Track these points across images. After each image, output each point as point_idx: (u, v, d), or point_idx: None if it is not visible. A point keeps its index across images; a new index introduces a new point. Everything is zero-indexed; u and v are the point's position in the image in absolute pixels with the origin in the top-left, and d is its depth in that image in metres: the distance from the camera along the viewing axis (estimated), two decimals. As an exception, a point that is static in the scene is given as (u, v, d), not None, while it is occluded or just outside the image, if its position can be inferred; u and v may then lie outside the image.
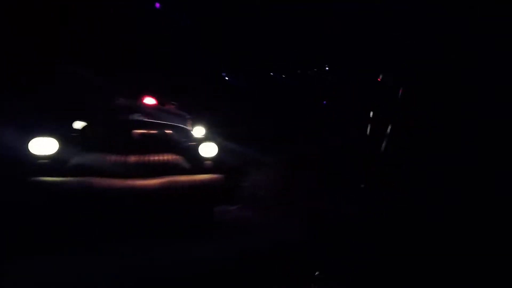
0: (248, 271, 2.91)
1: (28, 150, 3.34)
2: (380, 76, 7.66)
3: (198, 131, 5.39)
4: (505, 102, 5.00)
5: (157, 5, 9.43)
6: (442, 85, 6.08)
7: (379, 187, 5.59)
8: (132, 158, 3.52)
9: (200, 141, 4.08)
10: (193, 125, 5.36)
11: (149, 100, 5.41)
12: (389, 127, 6.60)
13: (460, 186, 4.67)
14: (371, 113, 7.56)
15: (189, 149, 3.95)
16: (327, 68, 15.08)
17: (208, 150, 3.96)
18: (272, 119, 11.45)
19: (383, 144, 6.56)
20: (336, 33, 10.67)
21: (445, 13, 6.55)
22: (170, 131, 4.20)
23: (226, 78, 15.36)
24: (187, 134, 4.42)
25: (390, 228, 4.09)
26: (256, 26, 11.63)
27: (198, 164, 3.84)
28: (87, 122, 4.07)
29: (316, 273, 2.86)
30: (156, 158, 3.62)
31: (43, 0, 6.61)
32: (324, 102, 12.94)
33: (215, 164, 3.94)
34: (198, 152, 3.91)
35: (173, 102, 5.67)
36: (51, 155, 3.35)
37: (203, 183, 3.71)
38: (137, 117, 4.58)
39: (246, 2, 10.86)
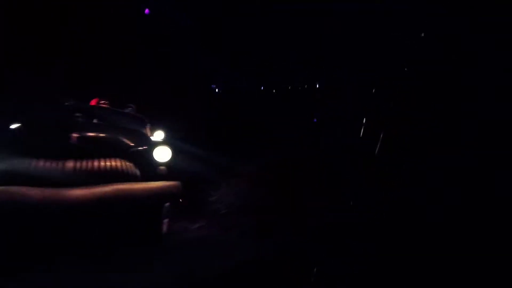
0: (248, 271, 2.91)
1: None
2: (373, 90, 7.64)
3: (157, 136, 4.87)
4: (505, 102, 5.00)
5: (147, 11, 9.38)
6: (442, 85, 6.08)
7: (379, 187, 5.59)
8: (70, 164, 3.00)
9: (154, 144, 3.62)
10: (152, 129, 5.00)
11: (102, 102, 5.01)
12: (389, 127, 6.59)
13: (460, 186, 4.67)
14: (370, 113, 7.57)
15: (140, 153, 3.45)
16: (317, 86, 15.17)
17: (162, 154, 3.50)
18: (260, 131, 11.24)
19: (380, 145, 6.56)
20: (336, 33, 10.67)
21: (445, 13, 6.55)
22: (119, 134, 3.66)
23: (216, 90, 15.33)
24: (141, 138, 3.93)
25: (390, 228, 4.09)
26: (256, 26, 11.62)
27: (150, 169, 3.37)
28: (21, 122, 3.54)
29: (316, 273, 2.86)
30: (100, 164, 3.10)
31: None
32: (315, 120, 12.84)
33: (170, 169, 3.48)
34: (151, 156, 3.44)
35: (130, 105, 5.34)
36: None
37: (155, 191, 3.18)
38: (83, 118, 4.02)
39: (246, 2, 10.86)
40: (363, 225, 4.21)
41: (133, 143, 3.55)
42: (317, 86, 15.48)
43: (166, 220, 3.59)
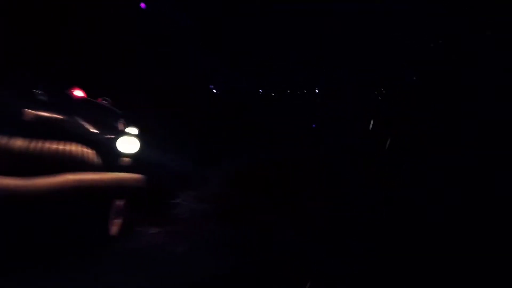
0: (248, 271, 2.91)
1: None
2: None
3: (130, 130, 4.78)
4: (505, 102, 5.01)
5: (143, 5, 9.36)
6: (442, 85, 6.08)
7: (379, 187, 5.58)
8: (19, 143, 2.64)
9: (120, 134, 3.37)
10: (125, 125, 4.79)
11: (77, 93, 4.83)
12: (389, 127, 6.59)
13: (460, 186, 4.67)
14: (371, 113, 7.56)
15: (104, 141, 3.18)
16: (316, 91, 15.16)
17: (128, 145, 3.24)
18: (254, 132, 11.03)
19: (383, 145, 6.55)
20: (336, 33, 10.69)
21: (445, 13, 6.55)
22: (83, 120, 3.37)
23: (214, 91, 15.25)
24: (108, 127, 3.66)
25: (390, 228, 4.09)
26: (256, 26, 11.64)
27: (113, 159, 3.10)
28: None
29: (316, 273, 2.86)
30: (56, 146, 2.78)
31: None
32: (314, 125, 12.78)
33: (136, 162, 3.23)
34: (115, 145, 3.17)
35: (106, 98, 5.22)
36: None
37: (116, 183, 2.92)
38: (46, 100, 3.66)
39: (246, 2, 10.87)
40: (363, 225, 4.20)
41: (97, 130, 3.33)
42: (317, 86, 15.50)
43: (118, 220, 3.21)
